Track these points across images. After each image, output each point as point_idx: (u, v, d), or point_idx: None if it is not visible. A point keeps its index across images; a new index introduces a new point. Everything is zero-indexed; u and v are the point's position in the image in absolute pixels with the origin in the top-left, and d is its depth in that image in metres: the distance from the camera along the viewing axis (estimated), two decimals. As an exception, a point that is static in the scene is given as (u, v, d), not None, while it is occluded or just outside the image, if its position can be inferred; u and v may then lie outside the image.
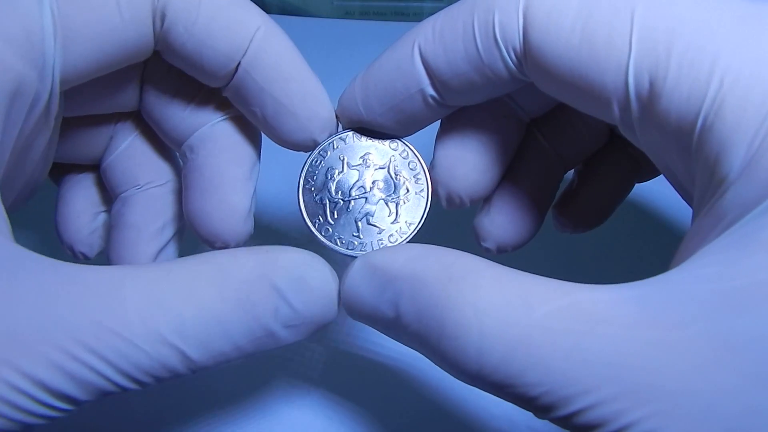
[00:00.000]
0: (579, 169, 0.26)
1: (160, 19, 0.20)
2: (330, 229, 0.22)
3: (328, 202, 0.22)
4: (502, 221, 0.24)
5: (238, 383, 0.29)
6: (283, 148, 0.23)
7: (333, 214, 0.22)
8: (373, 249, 0.22)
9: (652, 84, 0.16)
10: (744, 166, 0.15)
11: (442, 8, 0.49)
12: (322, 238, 0.21)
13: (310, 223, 0.22)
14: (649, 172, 0.26)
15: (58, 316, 0.16)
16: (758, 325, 0.13)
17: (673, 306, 0.14)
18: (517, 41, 0.19)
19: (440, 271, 0.17)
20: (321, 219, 0.22)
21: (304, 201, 0.22)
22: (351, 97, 0.22)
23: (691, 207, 0.18)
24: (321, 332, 0.30)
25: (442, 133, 0.23)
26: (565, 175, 0.26)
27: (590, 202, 0.26)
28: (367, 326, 0.20)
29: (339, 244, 0.21)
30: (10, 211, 0.21)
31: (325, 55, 0.46)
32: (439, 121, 0.23)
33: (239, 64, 0.20)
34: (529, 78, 0.19)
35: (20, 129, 0.18)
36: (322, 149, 0.22)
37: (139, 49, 0.20)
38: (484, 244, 0.24)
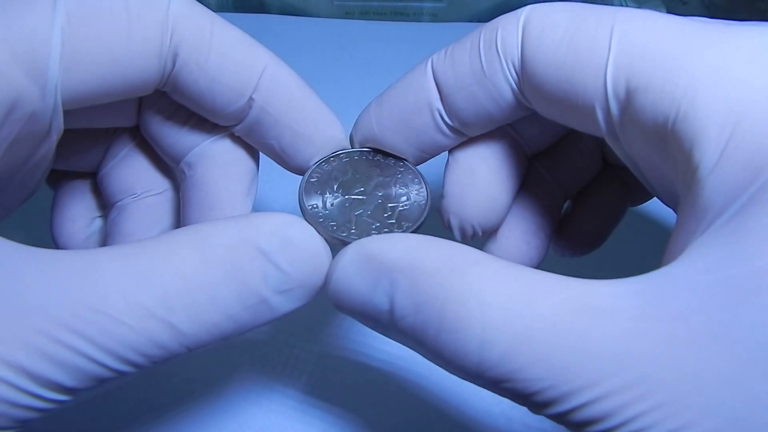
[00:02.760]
0: (574, 196, 0.27)
1: (172, 59, 0.20)
2: (324, 215, 0.21)
3: (328, 194, 0.22)
4: (509, 248, 0.24)
5: (225, 382, 0.29)
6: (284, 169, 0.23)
7: (330, 204, 0.22)
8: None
9: (628, 82, 0.17)
10: (719, 152, 0.15)
11: (442, 8, 0.49)
12: (315, 223, 0.21)
13: (305, 208, 0.21)
14: (640, 196, 0.27)
15: (34, 297, 0.15)
16: (756, 313, 0.13)
17: (673, 298, 0.14)
18: (516, 55, 0.20)
19: (441, 262, 0.16)
20: (317, 206, 0.22)
21: (304, 189, 0.22)
22: (367, 114, 0.23)
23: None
24: (314, 333, 0.30)
25: (452, 162, 0.23)
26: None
27: (586, 227, 0.26)
28: (361, 327, 0.19)
29: (331, 229, 0.21)
30: (2, 216, 0.20)
31: (325, 55, 0.46)
32: (447, 159, 0.24)
33: (252, 101, 0.21)
34: (526, 98, 0.20)
35: (14, 141, 0.17)
36: (333, 156, 0.23)
37: (143, 84, 0.20)
38: None
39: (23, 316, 0.15)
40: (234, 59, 0.20)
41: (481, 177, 0.23)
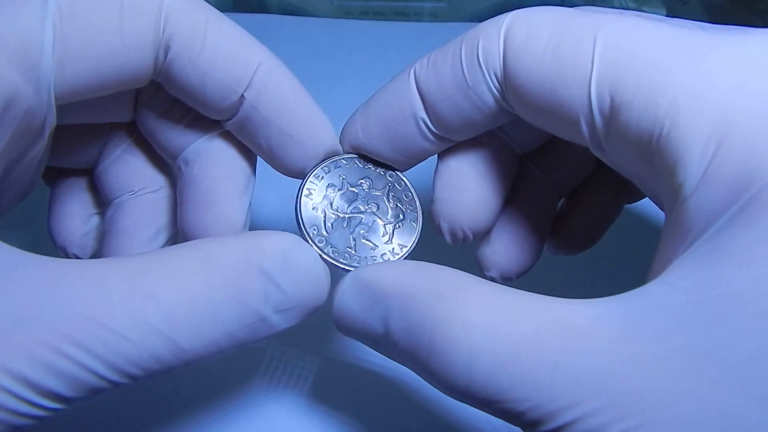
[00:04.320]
0: (569, 194, 0.27)
1: (164, 50, 0.20)
2: (324, 240, 0.22)
3: (325, 214, 0.22)
4: (503, 250, 0.24)
5: (227, 390, 0.29)
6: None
7: (330, 226, 0.22)
8: (366, 264, 0.21)
9: (612, 98, 0.17)
10: (702, 172, 0.15)
11: (441, 8, 0.49)
12: (316, 247, 0.21)
13: (306, 231, 0.22)
14: (636, 194, 0.27)
15: (40, 309, 0.15)
16: (732, 334, 0.14)
17: (652, 319, 0.15)
18: (498, 65, 0.20)
19: (430, 288, 0.17)
20: (316, 230, 0.22)
21: (301, 210, 0.22)
22: (352, 122, 0.23)
23: None
24: (316, 343, 0.30)
25: (441, 167, 0.23)
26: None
27: (580, 225, 0.26)
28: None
29: (332, 254, 0.21)
30: (0, 214, 0.20)
31: (325, 55, 0.46)
32: (436, 164, 0.24)
33: (243, 98, 0.21)
34: (510, 105, 0.20)
35: (10, 139, 0.17)
36: (324, 166, 0.23)
37: (137, 76, 0.20)
38: (488, 273, 0.25)
39: (29, 327, 0.15)
40: (227, 55, 0.20)
41: (471, 181, 0.23)
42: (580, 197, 0.26)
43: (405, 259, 0.22)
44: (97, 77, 0.19)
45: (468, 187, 0.23)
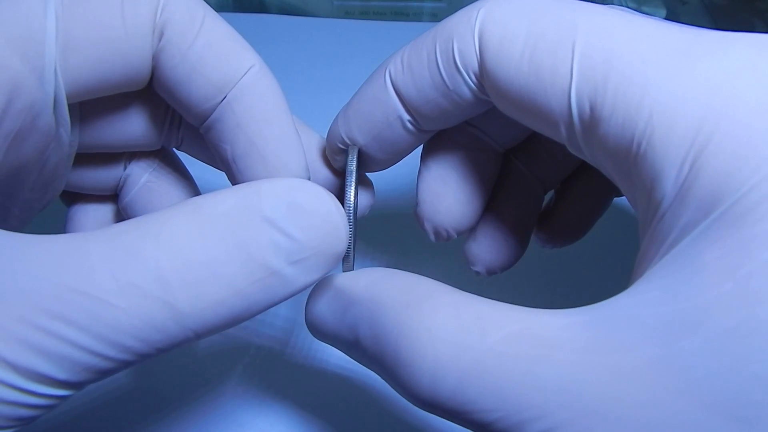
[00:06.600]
0: (557, 187, 0.27)
1: (157, 36, 0.19)
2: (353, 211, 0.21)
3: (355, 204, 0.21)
4: (488, 245, 0.25)
5: (204, 388, 0.29)
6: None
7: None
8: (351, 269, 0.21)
9: (592, 109, 0.17)
10: (676, 191, 0.15)
11: (442, 8, 0.49)
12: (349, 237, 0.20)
13: (352, 210, 0.20)
14: None
15: (12, 282, 0.14)
16: (697, 348, 0.14)
17: (620, 331, 0.15)
18: (476, 65, 0.19)
19: (398, 297, 0.17)
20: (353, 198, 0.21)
21: (354, 192, 0.21)
22: (335, 131, 0.22)
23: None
24: (311, 340, 0.30)
25: (423, 171, 0.24)
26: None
27: (568, 218, 0.26)
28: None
29: (352, 248, 0.20)
30: (17, 228, 0.20)
31: (325, 55, 0.46)
32: (419, 167, 0.24)
33: (224, 97, 0.20)
34: (490, 98, 0.20)
35: (17, 137, 0.17)
36: (356, 156, 0.22)
37: (138, 67, 0.19)
38: (474, 268, 0.25)
39: (1, 304, 0.14)
40: (218, 52, 0.19)
41: (452, 184, 0.23)
42: (567, 190, 0.26)
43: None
44: (101, 66, 0.18)
45: (449, 191, 0.23)
